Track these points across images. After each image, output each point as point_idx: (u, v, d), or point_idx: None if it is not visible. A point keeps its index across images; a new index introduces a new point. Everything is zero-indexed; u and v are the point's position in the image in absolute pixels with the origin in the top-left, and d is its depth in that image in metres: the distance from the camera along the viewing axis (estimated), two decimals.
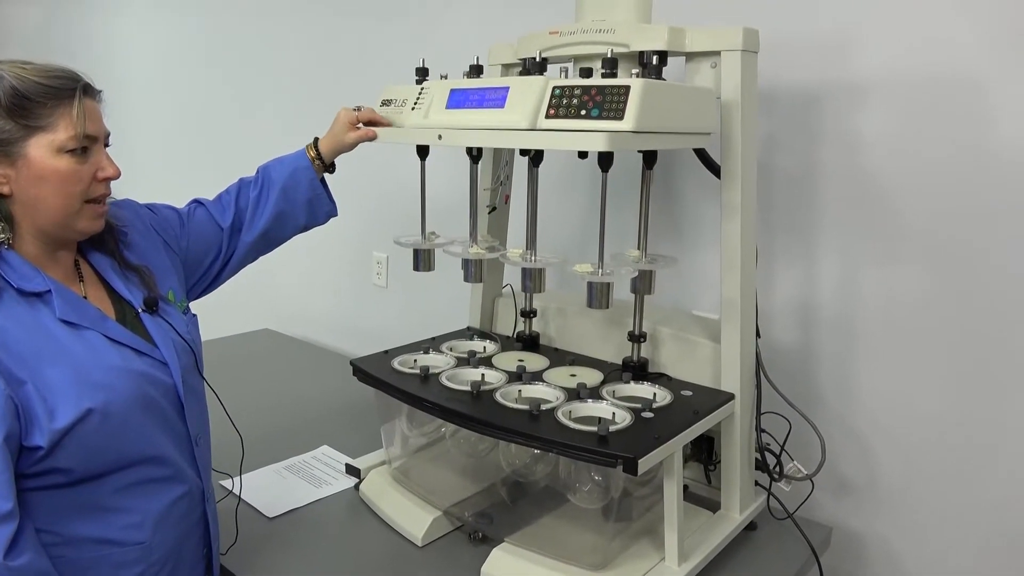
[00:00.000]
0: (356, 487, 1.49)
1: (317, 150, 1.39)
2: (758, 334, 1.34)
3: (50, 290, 0.98)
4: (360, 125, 1.37)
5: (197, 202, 1.37)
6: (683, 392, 1.30)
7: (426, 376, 1.34)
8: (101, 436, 0.96)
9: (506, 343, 1.56)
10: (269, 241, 1.41)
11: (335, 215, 1.44)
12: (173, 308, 1.15)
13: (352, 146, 1.39)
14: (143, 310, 1.09)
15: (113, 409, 0.97)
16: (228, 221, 1.36)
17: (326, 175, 1.42)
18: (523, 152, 1.34)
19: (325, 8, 2.37)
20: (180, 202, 1.37)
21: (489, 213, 1.57)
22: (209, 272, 1.35)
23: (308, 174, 1.38)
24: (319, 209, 1.41)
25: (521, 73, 1.25)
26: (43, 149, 0.95)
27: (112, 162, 1.03)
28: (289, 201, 1.38)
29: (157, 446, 1.05)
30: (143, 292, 1.10)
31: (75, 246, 1.08)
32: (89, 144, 0.99)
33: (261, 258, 1.42)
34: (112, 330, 1.03)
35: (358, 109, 1.37)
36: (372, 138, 1.36)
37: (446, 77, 1.31)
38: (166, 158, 3.16)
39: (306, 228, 1.44)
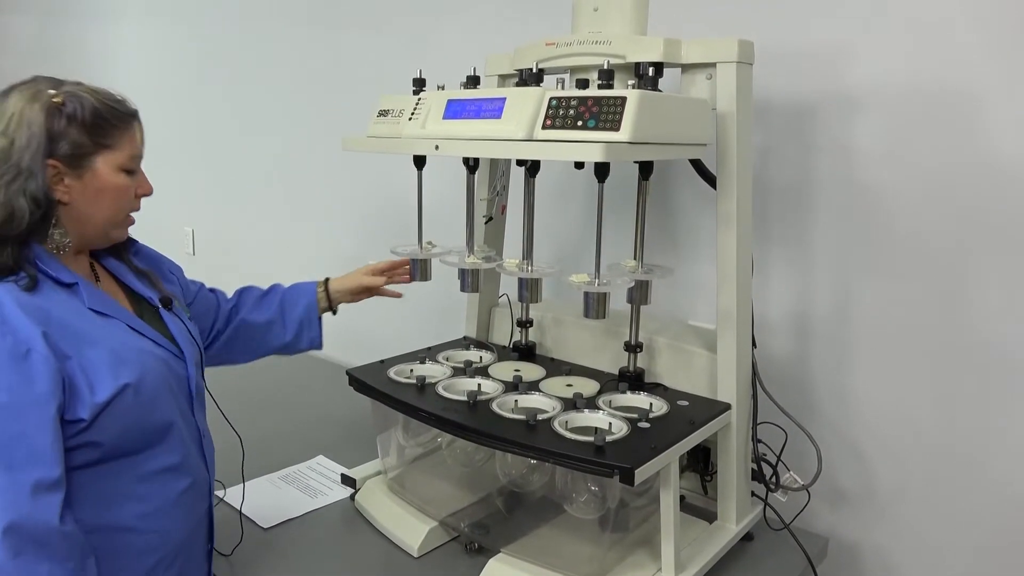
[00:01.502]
0: (351, 497, 1.48)
1: (327, 286, 1.50)
2: (754, 344, 1.35)
3: (78, 283, 1.05)
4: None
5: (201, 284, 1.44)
6: (679, 402, 1.30)
7: (422, 386, 1.34)
8: (133, 411, 1.02)
9: (502, 353, 1.56)
10: (248, 344, 1.47)
11: (317, 347, 1.50)
12: (182, 311, 1.22)
13: (361, 289, 1.52)
14: (161, 306, 1.17)
15: (144, 386, 1.03)
16: (228, 304, 1.45)
17: (327, 314, 1.51)
18: (520, 162, 1.35)
19: (321, 19, 2.38)
20: (176, 210, 1.38)
21: (486, 223, 1.58)
22: (209, 335, 1.42)
23: (310, 297, 1.48)
24: (305, 333, 1.47)
25: (518, 84, 1.25)
26: (107, 165, 1.05)
27: (148, 181, 1.14)
28: (284, 312, 1.46)
29: (176, 429, 1.10)
30: (156, 293, 1.18)
31: (88, 251, 1.14)
32: (137, 165, 1.11)
33: (257, 268, 1.43)
34: (134, 322, 1.10)
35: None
36: (387, 294, 1.55)
37: (443, 88, 1.31)
38: (162, 168, 3.15)
39: (286, 349, 1.49)
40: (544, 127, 1.11)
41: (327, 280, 1.51)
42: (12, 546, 0.88)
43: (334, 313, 1.52)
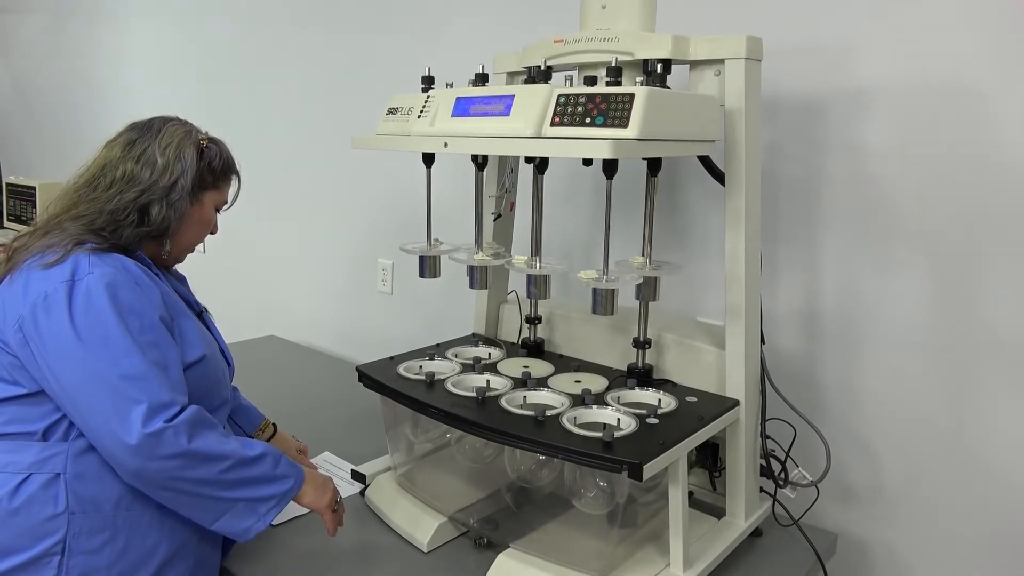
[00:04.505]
0: (361, 493, 1.49)
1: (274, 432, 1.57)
2: (763, 340, 1.35)
3: (159, 274, 1.24)
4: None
5: None
6: (688, 398, 1.30)
7: (431, 382, 1.35)
8: (202, 380, 1.19)
9: (511, 349, 1.56)
10: None
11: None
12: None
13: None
14: (205, 311, 1.34)
15: (211, 361, 1.22)
16: None
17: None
18: (528, 160, 1.35)
19: (331, 19, 2.38)
20: None
21: (494, 220, 1.58)
22: None
23: (256, 420, 1.56)
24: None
25: (526, 81, 1.26)
26: (210, 202, 1.29)
27: (218, 223, 1.34)
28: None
29: (222, 410, 1.26)
30: (195, 300, 1.34)
31: None
32: (223, 206, 1.35)
33: (266, 265, 1.44)
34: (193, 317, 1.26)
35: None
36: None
37: (452, 85, 1.32)
38: None
39: None
40: (552, 124, 1.11)
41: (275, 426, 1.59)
42: (188, 432, 1.06)
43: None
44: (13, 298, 1.11)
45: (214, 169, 1.27)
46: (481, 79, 1.33)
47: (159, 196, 1.19)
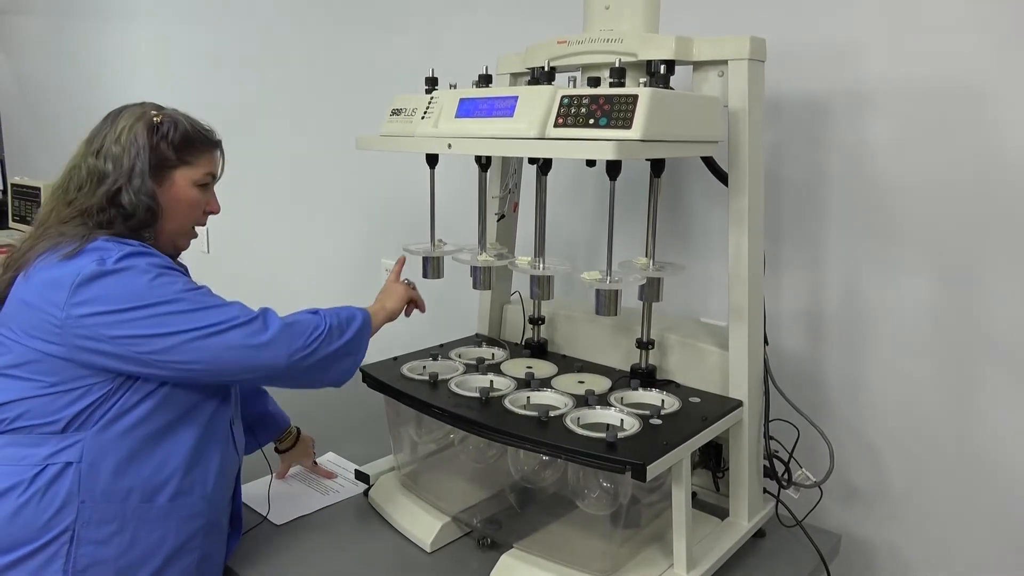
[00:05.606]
0: (365, 493, 1.50)
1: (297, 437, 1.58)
2: (766, 341, 1.35)
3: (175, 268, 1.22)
4: None
5: None
6: (691, 399, 1.30)
7: (435, 382, 1.35)
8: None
9: (514, 350, 1.57)
10: None
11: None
12: None
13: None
14: None
15: None
16: None
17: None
18: (532, 160, 1.35)
19: (335, 19, 2.39)
20: None
21: (498, 221, 1.58)
22: None
23: (280, 426, 1.56)
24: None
25: (529, 82, 1.26)
26: (183, 180, 1.22)
27: (217, 201, 1.30)
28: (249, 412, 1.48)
29: (225, 409, 1.24)
30: None
31: None
32: (210, 182, 1.27)
33: (269, 264, 1.44)
34: None
35: None
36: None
37: (455, 86, 1.32)
38: None
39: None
40: (556, 125, 1.11)
41: (298, 432, 1.59)
42: (274, 315, 1.16)
43: (277, 448, 1.58)
44: (41, 299, 1.09)
45: (173, 142, 1.20)
46: (484, 80, 1.33)
47: (123, 184, 1.16)
